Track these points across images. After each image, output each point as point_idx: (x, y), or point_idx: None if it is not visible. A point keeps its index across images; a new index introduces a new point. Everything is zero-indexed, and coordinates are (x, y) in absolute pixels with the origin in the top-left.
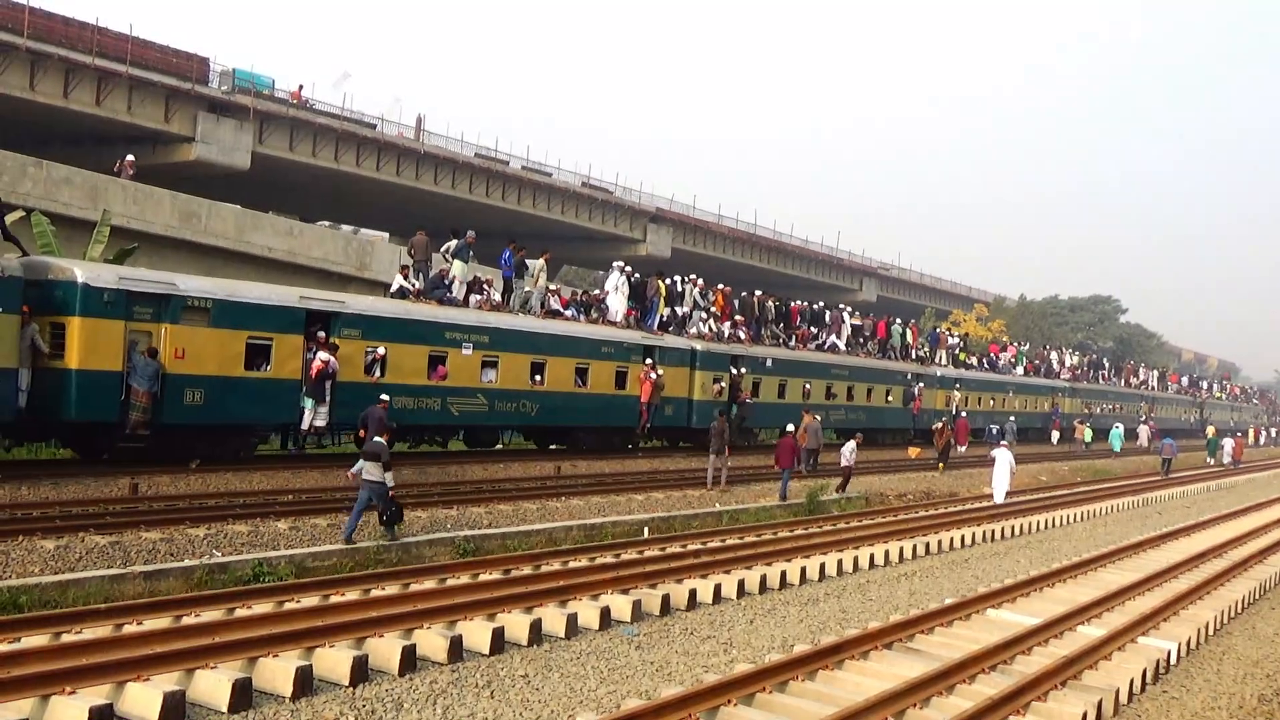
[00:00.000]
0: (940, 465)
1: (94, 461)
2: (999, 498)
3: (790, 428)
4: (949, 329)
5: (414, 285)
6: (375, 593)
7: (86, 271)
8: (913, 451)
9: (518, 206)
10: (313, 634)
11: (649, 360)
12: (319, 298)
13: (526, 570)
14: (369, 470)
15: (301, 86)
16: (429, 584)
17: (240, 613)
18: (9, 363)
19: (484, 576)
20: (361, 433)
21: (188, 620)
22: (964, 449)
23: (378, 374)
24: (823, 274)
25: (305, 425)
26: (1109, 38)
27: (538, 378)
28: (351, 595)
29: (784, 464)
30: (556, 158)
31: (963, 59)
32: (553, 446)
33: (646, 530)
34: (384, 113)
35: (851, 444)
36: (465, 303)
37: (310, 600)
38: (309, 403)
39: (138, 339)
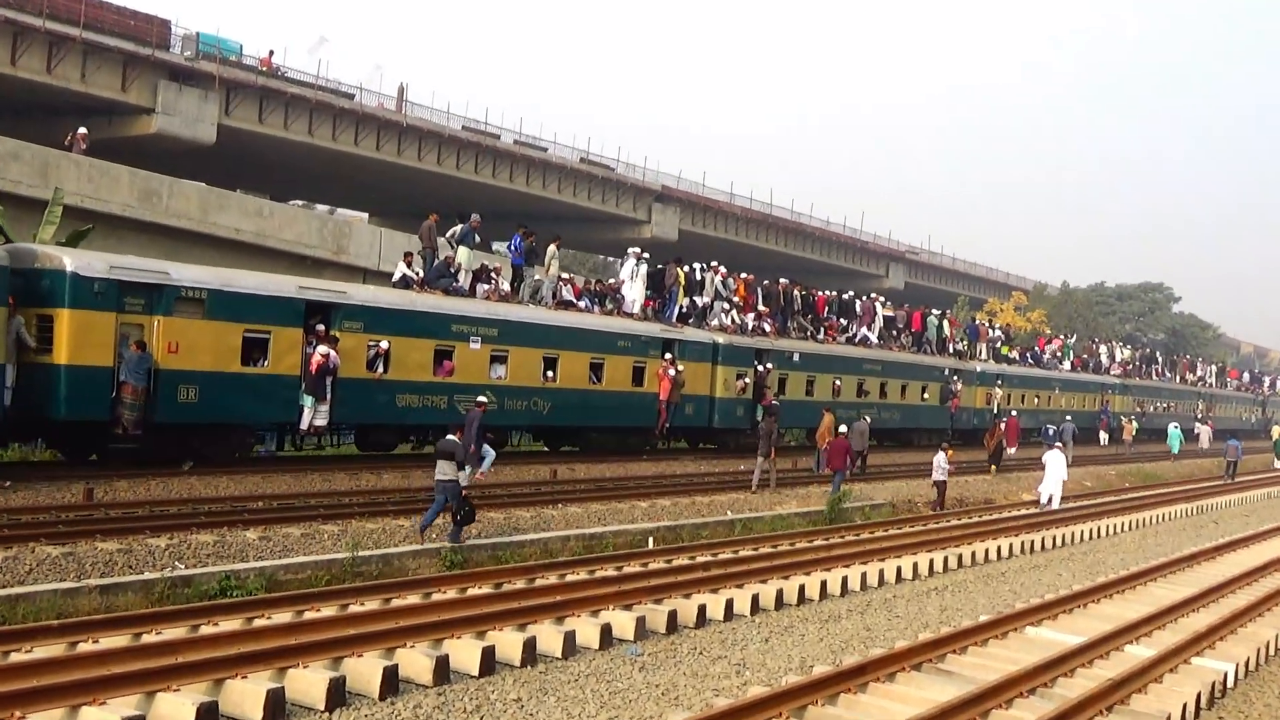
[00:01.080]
0: (991, 468)
1: (79, 464)
2: (1045, 502)
3: (844, 429)
4: (989, 320)
5: (418, 274)
6: (354, 608)
7: (76, 260)
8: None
9: (509, 184)
10: (285, 653)
11: (668, 355)
12: (319, 288)
13: (520, 584)
14: (443, 469)
15: (272, 52)
16: (413, 599)
17: (205, 630)
18: None
19: (473, 591)
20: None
21: (148, 638)
22: (1014, 450)
23: (380, 370)
24: (845, 258)
25: (305, 425)
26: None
27: (550, 374)
28: (328, 611)
29: (836, 466)
30: (552, 131)
31: (998, 28)
32: (565, 448)
33: (651, 540)
34: (363, 82)
35: (942, 455)
36: (471, 292)
37: (282, 617)
38: (309, 400)
39: (129, 332)
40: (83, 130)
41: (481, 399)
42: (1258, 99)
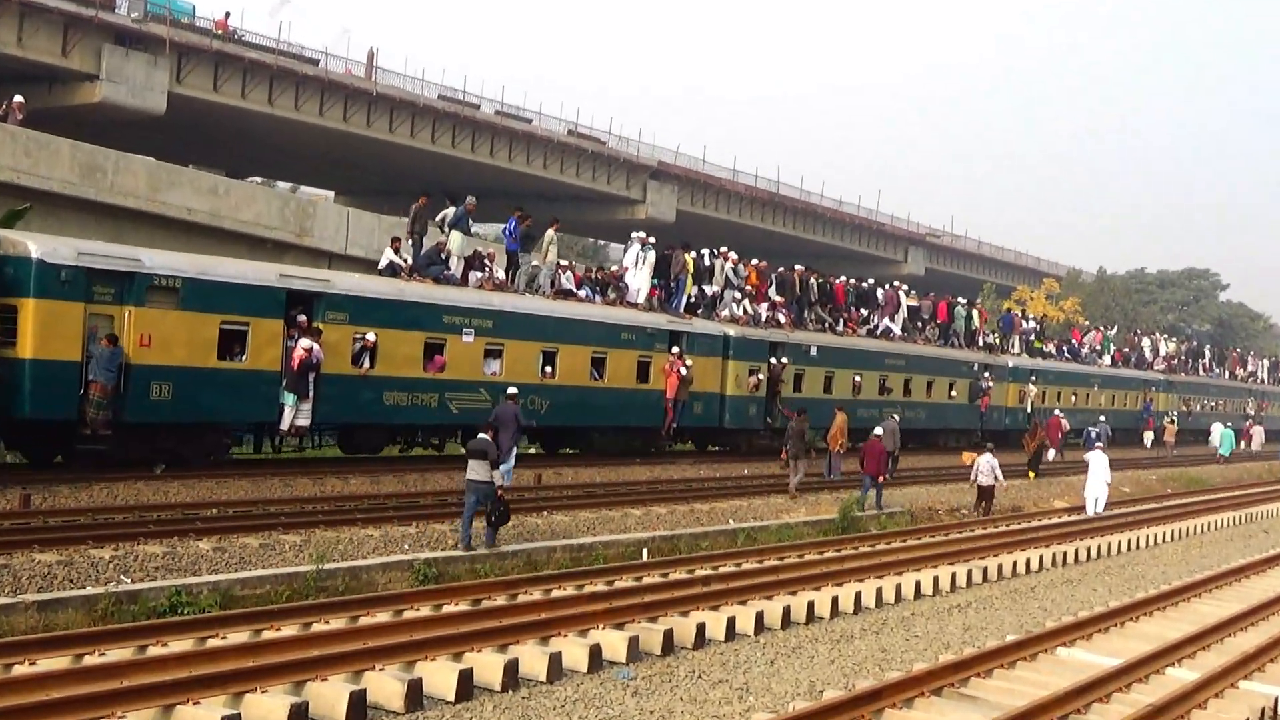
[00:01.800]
0: (1030, 473)
1: (45, 467)
2: (1091, 509)
3: (878, 431)
4: (1022, 311)
5: (406, 261)
6: (317, 627)
7: (41, 246)
8: (966, 457)
9: (490, 160)
10: (242, 677)
11: (675, 349)
12: (301, 275)
13: (500, 600)
14: (475, 469)
15: (228, 14)
16: (382, 616)
17: (154, 651)
18: None
19: (449, 608)
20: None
21: (90, 660)
22: (1054, 455)
23: (366, 365)
24: (860, 242)
25: (285, 425)
26: None
27: (548, 369)
28: (289, 630)
29: (871, 469)
30: (537, 101)
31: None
32: (563, 450)
33: (646, 552)
34: (329, 46)
35: (989, 457)
36: (464, 281)
37: (239, 636)
38: (290, 398)
39: (98, 324)
40: (19, 99)
41: (512, 390)
42: None
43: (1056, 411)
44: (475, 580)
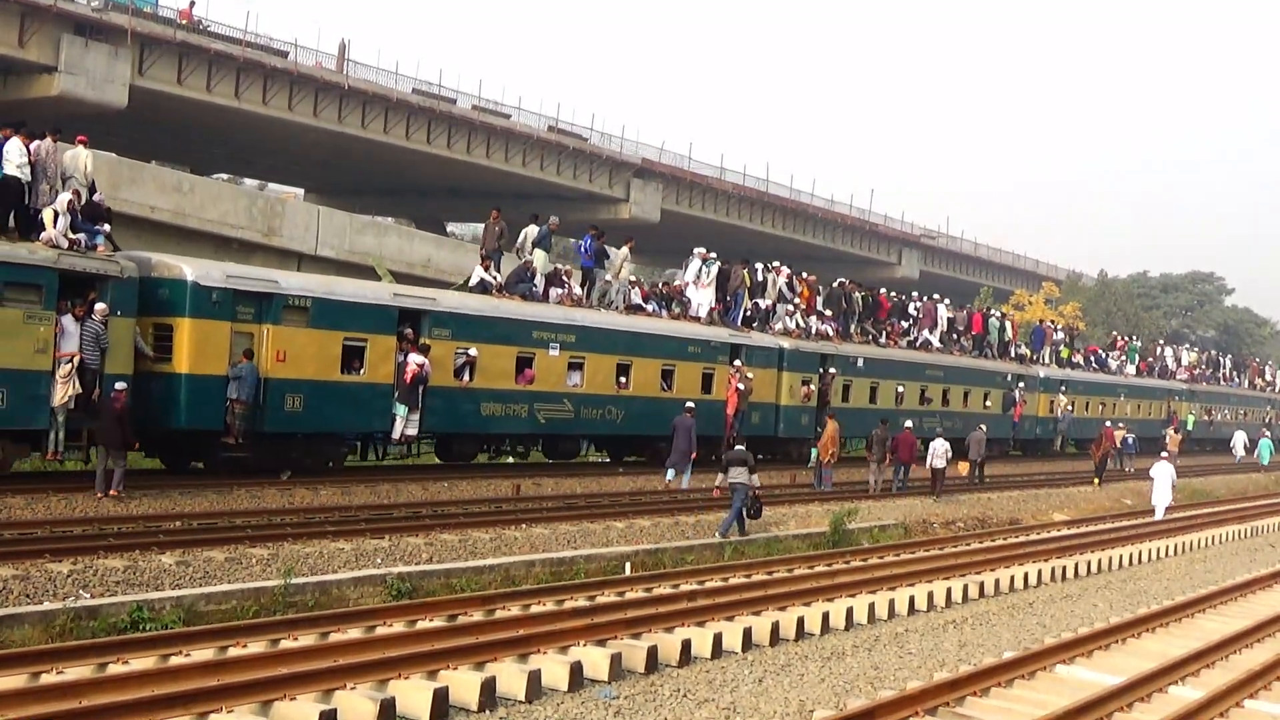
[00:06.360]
0: (1096, 481)
1: (184, 473)
2: (1160, 514)
3: (908, 424)
4: (1051, 320)
5: (496, 278)
6: (286, 644)
7: (195, 269)
8: (961, 467)
9: (466, 156)
10: (205, 696)
11: (737, 362)
12: (411, 294)
13: (477, 616)
14: (736, 474)
15: (193, 3)
16: (354, 633)
17: (114, 669)
18: (125, 369)
19: (423, 624)
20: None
21: (47, 679)
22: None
23: (467, 378)
24: (852, 243)
25: (397, 434)
26: None
27: (623, 380)
28: (255, 647)
29: (904, 457)
30: (516, 96)
31: None
32: (629, 459)
33: (629, 566)
34: (298, 38)
35: (942, 441)
36: (545, 296)
37: (203, 654)
38: (402, 409)
39: (240, 341)
40: None
41: (690, 404)
42: None
43: (1107, 423)
44: (451, 595)
